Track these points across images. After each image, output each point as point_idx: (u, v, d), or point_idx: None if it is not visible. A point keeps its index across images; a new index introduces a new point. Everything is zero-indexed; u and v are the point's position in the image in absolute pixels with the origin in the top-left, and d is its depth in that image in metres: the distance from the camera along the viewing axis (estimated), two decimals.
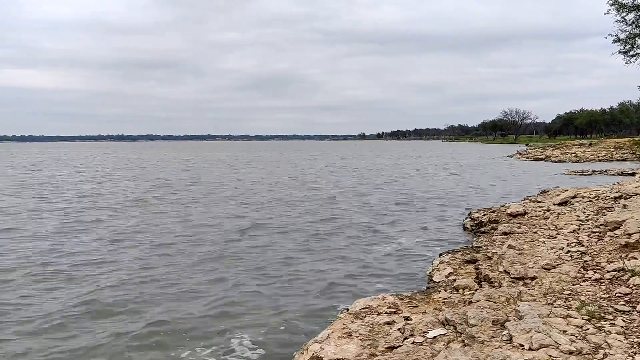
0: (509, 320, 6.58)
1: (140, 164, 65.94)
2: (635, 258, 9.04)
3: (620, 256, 9.52)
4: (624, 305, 7.21)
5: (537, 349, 5.70)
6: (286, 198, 26.36)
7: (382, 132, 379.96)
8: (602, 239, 11.19)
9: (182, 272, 12.28)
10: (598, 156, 64.00)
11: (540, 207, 17.49)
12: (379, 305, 8.15)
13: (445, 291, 9.20)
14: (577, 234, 12.40)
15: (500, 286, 8.79)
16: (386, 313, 7.75)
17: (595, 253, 10.30)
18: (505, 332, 6.25)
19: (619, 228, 11.09)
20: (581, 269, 9.32)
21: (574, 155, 66.90)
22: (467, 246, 14.05)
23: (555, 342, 5.80)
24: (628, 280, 8.09)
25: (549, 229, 13.72)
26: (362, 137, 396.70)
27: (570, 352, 5.63)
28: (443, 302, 8.40)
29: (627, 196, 16.85)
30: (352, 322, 7.47)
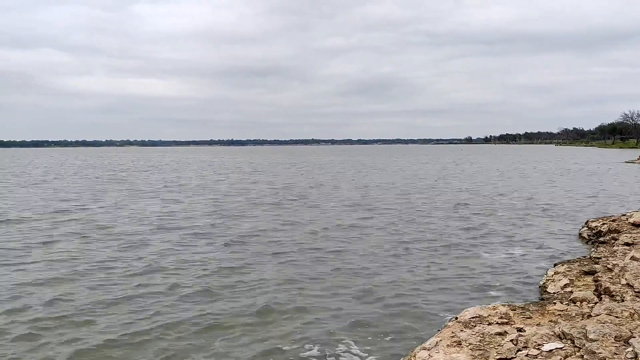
0: (634, 337, 6.18)
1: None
2: None
3: None
4: None
5: None
6: (403, 202, 26.29)
7: (490, 136, 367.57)
8: None
9: (298, 272, 12.64)
10: None
11: None
12: (489, 314, 7.93)
13: (561, 303, 8.79)
14: None
15: (622, 300, 8.25)
16: (497, 323, 7.53)
17: None
18: (630, 349, 5.87)
19: None
20: None
21: None
22: (584, 256, 13.30)
23: None
24: None
25: None
26: (469, 140, 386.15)
27: None
28: (559, 315, 8.03)
29: None
30: (461, 330, 7.32)
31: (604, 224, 16.43)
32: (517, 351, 6.38)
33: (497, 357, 6.31)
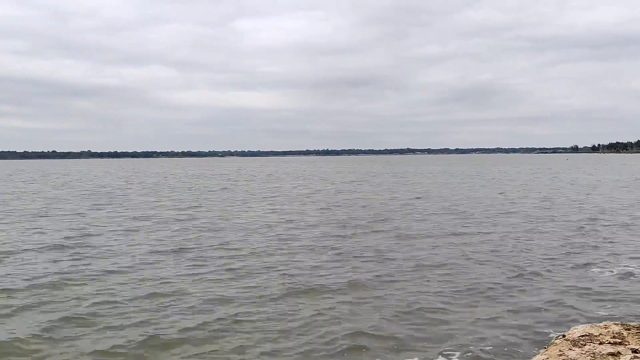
0: None
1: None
2: None
3: None
4: None
5: None
6: (519, 214, 25.56)
7: (598, 144, 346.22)
8: None
9: (402, 283, 12.70)
10: None
11: None
12: (600, 333, 7.55)
13: None
14: None
15: None
16: (610, 343, 7.15)
17: None
18: None
19: None
20: None
21: None
22: None
23: None
24: None
25: None
26: (575, 149, 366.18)
27: None
28: None
29: None
30: (569, 349, 7.02)
31: None
32: None
33: None
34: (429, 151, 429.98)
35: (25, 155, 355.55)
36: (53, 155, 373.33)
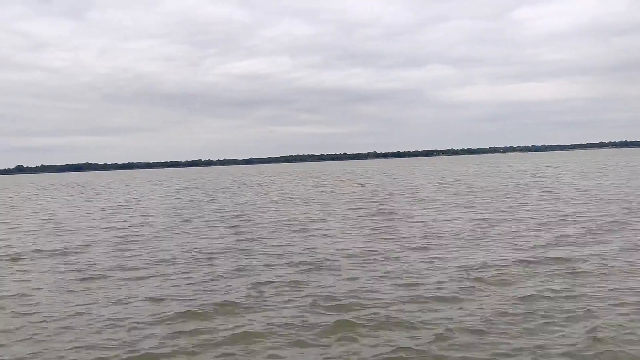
0: None
1: None
2: None
3: None
4: None
5: None
6: None
7: None
8: None
9: None
10: None
11: None
12: None
13: None
14: None
15: None
16: None
17: None
18: None
19: None
20: None
21: None
22: None
23: None
24: None
25: None
26: None
27: None
28: None
29: None
30: None
31: None
32: None
33: None
34: None
35: (321, 158, 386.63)
36: (344, 157, 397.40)
